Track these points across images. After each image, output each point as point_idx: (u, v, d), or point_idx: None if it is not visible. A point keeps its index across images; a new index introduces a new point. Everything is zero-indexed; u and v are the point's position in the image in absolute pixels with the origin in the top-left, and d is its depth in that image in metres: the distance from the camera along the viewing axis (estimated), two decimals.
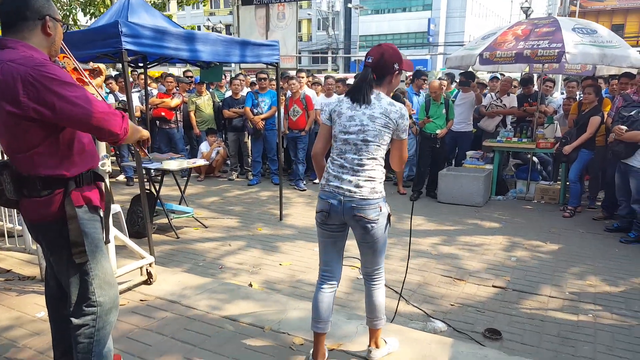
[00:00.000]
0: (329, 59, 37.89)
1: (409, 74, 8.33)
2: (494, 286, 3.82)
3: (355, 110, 2.28)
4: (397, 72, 2.32)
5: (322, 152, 2.48)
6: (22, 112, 1.72)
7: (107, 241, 2.14)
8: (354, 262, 4.27)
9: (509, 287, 3.80)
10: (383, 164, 2.34)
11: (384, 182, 2.36)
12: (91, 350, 2.00)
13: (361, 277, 2.59)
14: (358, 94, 2.28)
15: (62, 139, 1.86)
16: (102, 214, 2.06)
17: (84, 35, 3.93)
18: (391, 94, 2.40)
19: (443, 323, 3.19)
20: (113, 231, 3.36)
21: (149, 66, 5.62)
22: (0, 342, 2.75)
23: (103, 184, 2.09)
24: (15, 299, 3.30)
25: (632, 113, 4.85)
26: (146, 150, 2.28)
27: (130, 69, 5.23)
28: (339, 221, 2.35)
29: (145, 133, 2.18)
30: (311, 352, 2.51)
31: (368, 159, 2.27)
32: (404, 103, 2.54)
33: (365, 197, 2.24)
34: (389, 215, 2.35)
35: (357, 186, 2.25)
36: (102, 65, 2.81)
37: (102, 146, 3.31)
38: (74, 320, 1.98)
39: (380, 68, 2.28)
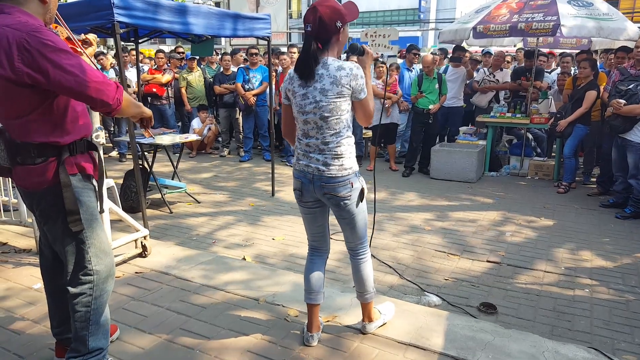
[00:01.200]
0: None
1: (402, 49, 8.21)
2: (488, 261, 3.81)
3: (307, 87, 2.15)
4: (341, 28, 2.12)
5: (291, 132, 2.38)
6: (16, 77, 1.70)
7: (102, 210, 2.11)
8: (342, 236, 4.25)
9: (504, 262, 3.80)
10: (350, 134, 2.24)
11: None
12: (89, 318, 1.99)
13: None
14: (305, 69, 2.12)
15: (56, 106, 1.84)
16: (95, 183, 2.04)
17: (75, 8, 3.82)
18: (341, 53, 2.26)
19: (437, 297, 3.18)
20: (107, 204, 3.31)
21: (140, 41, 5.47)
22: None
23: (96, 153, 2.07)
24: (11, 271, 3.30)
25: (630, 87, 4.80)
26: (150, 131, 2.28)
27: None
28: (313, 198, 2.31)
29: (147, 111, 2.14)
30: (306, 324, 2.50)
31: (331, 135, 2.17)
32: (362, 52, 2.37)
33: (334, 175, 2.18)
34: (362, 190, 2.28)
35: (325, 164, 2.18)
36: (92, 36, 2.76)
37: (96, 117, 3.23)
38: (71, 289, 1.98)
39: (322, 33, 2.09)
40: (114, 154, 7.83)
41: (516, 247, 4.12)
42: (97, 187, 2.06)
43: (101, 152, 2.18)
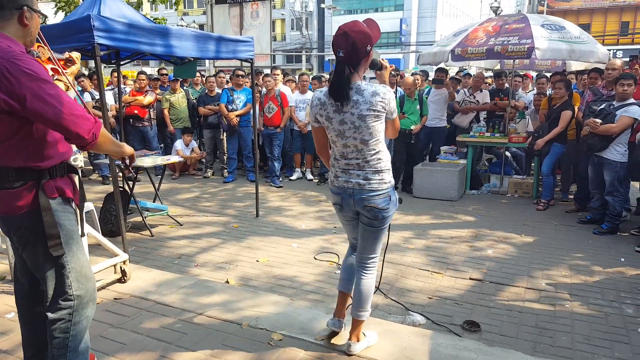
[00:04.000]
0: (303, 57, 37.83)
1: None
2: (470, 278, 3.84)
3: (343, 112, 2.23)
4: (370, 51, 2.24)
5: (325, 148, 2.50)
6: None
7: (82, 234, 2.08)
8: (331, 257, 4.24)
9: (486, 279, 3.83)
10: (386, 149, 2.38)
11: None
12: (67, 345, 1.94)
13: (338, 272, 2.57)
14: (340, 95, 2.21)
15: (35, 131, 1.82)
16: (75, 206, 2.02)
17: (56, 30, 3.80)
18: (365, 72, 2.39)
19: (422, 316, 3.18)
20: (86, 228, 3.24)
21: (121, 62, 5.47)
22: None
23: (76, 176, 2.06)
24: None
25: (602, 106, 4.95)
26: (130, 169, 2.26)
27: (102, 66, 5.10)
28: (352, 211, 2.43)
29: (128, 151, 2.13)
30: (334, 311, 2.71)
31: (372, 155, 2.30)
32: (381, 67, 2.42)
33: (375, 189, 2.31)
34: (398, 201, 2.46)
35: (366, 179, 2.31)
36: (76, 54, 2.71)
37: None
38: (50, 315, 1.93)
39: (354, 58, 2.19)
40: (95, 176, 7.72)
41: (498, 264, 4.16)
42: (77, 210, 2.03)
43: (80, 175, 2.15)
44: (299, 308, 3.07)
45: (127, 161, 2.16)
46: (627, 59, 6.85)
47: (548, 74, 7.35)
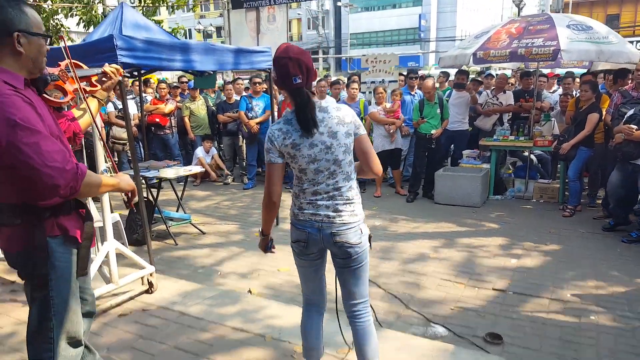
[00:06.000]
0: (320, 59, 37.85)
1: (402, 76, 8.32)
2: (494, 289, 3.80)
3: (310, 135, 2.04)
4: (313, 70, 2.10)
5: (277, 194, 2.17)
6: None
7: (85, 273, 1.95)
8: None
9: (509, 289, 3.78)
10: (355, 178, 2.20)
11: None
12: None
13: None
14: (309, 122, 2.02)
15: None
16: (79, 245, 1.88)
17: (79, 50, 3.92)
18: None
19: (444, 328, 3.17)
20: (113, 243, 3.36)
21: (142, 72, 5.59)
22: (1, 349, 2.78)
23: (85, 211, 1.93)
24: (21, 309, 3.32)
25: (633, 112, 4.76)
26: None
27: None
28: (318, 249, 2.20)
29: (127, 185, 1.96)
30: None
31: (343, 179, 2.11)
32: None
33: (346, 222, 2.10)
34: (369, 237, 2.23)
35: (336, 211, 2.10)
36: (112, 67, 2.38)
37: (101, 158, 3.31)
38: (30, 355, 1.86)
39: (311, 79, 2.06)
40: None
41: (522, 274, 4.10)
42: (80, 250, 1.89)
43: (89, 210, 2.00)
44: None
45: (130, 195, 2.00)
46: None
47: (575, 70, 7.14)
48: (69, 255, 1.82)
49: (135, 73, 5.46)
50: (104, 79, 2.31)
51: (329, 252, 2.25)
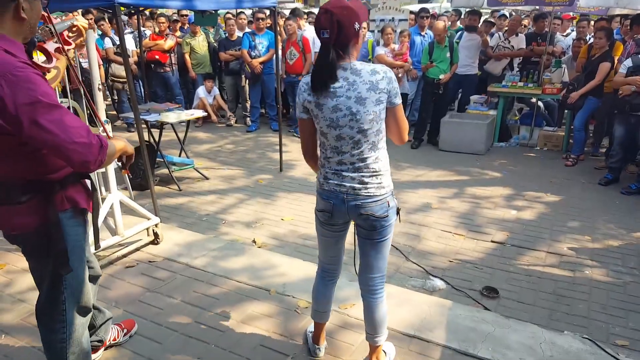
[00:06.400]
0: None
1: (412, 14, 7.97)
2: (492, 241, 3.88)
3: (337, 97, 1.89)
4: (359, 30, 1.89)
5: (313, 150, 2.13)
6: None
7: (98, 246, 1.97)
8: None
9: (508, 242, 3.87)
10: (385, 147, 2.07)
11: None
12: (65, 352, 1.93)
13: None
14: (323, 81, 1.88)
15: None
16: (89, 216, 1.87)
17: None
18: (358, 57, 2.00)
19: (442, 281, 3.28)
20: (118, 195, 3.37)
21: (140, 9, 5.37)
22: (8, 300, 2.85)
23: (89, 180, 1.89)
24: (23, 259, 3.35)
25: None
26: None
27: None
28: (343, 220, 2.13)
29: (130, 149, 1.88)
30: (311, 335, 2.49)
31: (369, 149, 1.97)
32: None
33: (371, 195, 2.00)
34: (397, 210, 2.13)
35: (362, 183, 2.00)
36: (82, 21, 2.19)
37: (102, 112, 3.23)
38: (41, 329, 1.91)
39: (342, 39, 1.85)
40: (119, 123, 7.72)
41: (521, 225, 4.17)
42: (89, 221, 1.89)
43: (92, 179, 1.94)
44: None
45: (124, 160, 1.91)
46: None
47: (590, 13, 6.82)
48: (78, 227, 1.81)
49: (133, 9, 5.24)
50: (69, 34, 2.12)
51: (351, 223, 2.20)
